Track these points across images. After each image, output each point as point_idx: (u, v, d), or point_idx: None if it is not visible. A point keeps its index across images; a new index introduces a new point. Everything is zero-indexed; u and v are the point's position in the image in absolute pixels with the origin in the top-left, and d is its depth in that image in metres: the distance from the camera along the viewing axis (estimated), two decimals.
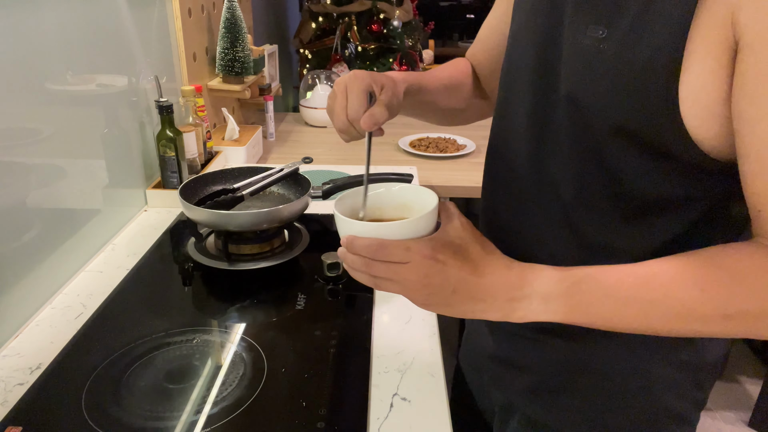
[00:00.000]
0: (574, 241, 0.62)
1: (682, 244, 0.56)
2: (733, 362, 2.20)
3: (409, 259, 0.52)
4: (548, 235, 0.64)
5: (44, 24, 0.90)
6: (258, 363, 0.78)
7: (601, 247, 0.60)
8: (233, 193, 1.07)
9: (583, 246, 0.62)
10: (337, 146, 1.91)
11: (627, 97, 0.51)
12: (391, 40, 2.78)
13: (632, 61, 0.50)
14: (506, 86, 0.69)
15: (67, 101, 0.99)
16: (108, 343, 0.81)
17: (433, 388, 0.75)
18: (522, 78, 0.64)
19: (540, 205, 0.64)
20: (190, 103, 1.35)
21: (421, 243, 0.52)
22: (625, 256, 0.57)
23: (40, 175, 0.92)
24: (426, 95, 0.77)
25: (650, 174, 0.55)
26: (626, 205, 0.57)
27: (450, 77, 0.82)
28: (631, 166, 0.55)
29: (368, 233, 0.53)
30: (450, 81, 0.82)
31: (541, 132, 0.61)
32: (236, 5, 1.56)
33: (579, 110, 0.56)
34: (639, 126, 0.52)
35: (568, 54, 0.56)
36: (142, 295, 0.95)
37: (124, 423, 0.68)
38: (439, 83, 0.79)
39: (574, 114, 0.56)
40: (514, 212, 0.68)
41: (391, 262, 0.52)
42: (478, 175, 1.64)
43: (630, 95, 0.51)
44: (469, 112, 0.87)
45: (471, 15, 4.41)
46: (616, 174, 0.56)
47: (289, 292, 0.96)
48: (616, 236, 0.59)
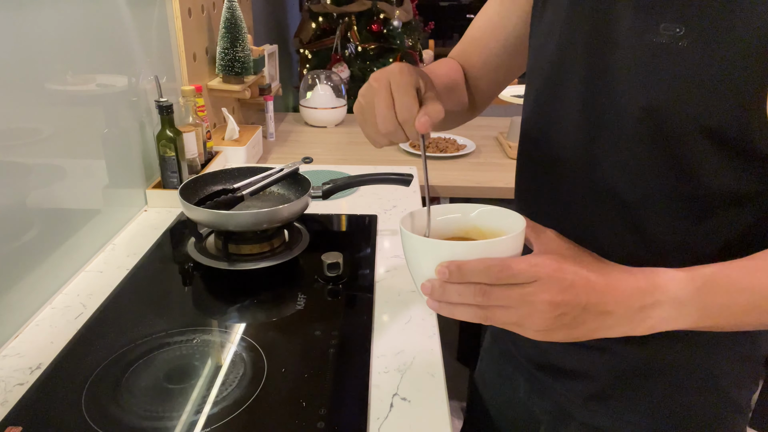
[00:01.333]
0: (642, 245, 0.59)
1: (751, 237, 0.56)
2: None
3: (536, 277, 0.45)
4: (609, 240, 0.61)
5: (44, 24, 0.90)
6: (258, 363, 0.78)
7: (671, 248, 0.58)
8: (233, 193, 1.07)
9: (651, 249, 0.59)
10: (337, 146, 1.91)
11: (714, 95, 0.48)
12: (391, 40, 2.78)
13: (721, 57, 0.47)
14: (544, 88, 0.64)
15: (67, 101, 0.99)
16: (108, 343, 0.81)
17: (433, 388, 0.75)
18: (568, 80, 0.60)
19: (597, 209, 0.61)
20: (190, 103, 1.35)
21: (548, 258, 0.47)
22: (695, 255, 0.56)
23: (40, 175, 0.92)
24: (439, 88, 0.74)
25: (728, 171, 0.52)
26: (697, 204, 0.55)
27: (447, 76, 0.77)
28: (710, 164, 0.52)
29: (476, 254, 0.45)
30: (449, 81, 0.77)
31: (596, 135, 0.58)
32: (236, 5, 1.56)
33: (657, 114, 0.52)
34: (724, 124, 0.49)
35: (634, 54, 0.53)
36: (142, 295, 0.95)
37: (124, 423, 0.68)
38: (441, 84, 0.72)
39: (649, 119, 0.53)
40: (558, 214, 0.65)
41: (516, 284, 0.46)
42: (478, 175, 1.65)
43: (717, 93, 0.48)
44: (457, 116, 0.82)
45: (471, 15, 4.41)
46: (691, 174, 0.53)
47: (289, 292, 0.96)
48: (686, 236, 0.57)
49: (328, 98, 2.09)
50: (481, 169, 1.70)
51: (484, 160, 1.78)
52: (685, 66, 0.49)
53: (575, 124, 0.60)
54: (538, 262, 0.46)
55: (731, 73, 0.47)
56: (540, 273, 0.45)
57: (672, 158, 0.53)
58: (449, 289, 0.46)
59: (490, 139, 1.99)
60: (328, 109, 2.09)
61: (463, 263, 0.45)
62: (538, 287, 0.45)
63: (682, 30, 0.49)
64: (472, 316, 0.47)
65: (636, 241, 0.59)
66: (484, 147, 1.90)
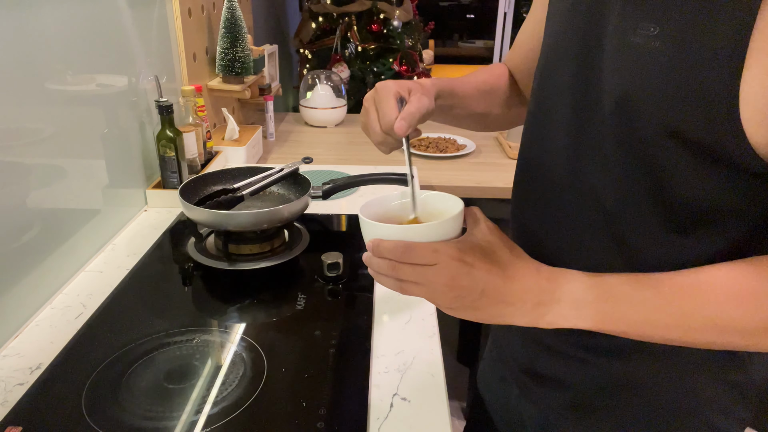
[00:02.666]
0: (619, 253, 0.58)
1: (734, 257, 0.53)
2: None
3: (436, 261, 0.51)
4: (589, 246, 0.61)
5: (44, 24, 0.91)
6: (258, 363, 0.78)
7: (648, 259, 0.57)
8: (233, 193, 1.07)
9: (628, 258, 0.58)
10: (337, 146, 1.92)
11: (684, 97, 0.48)
12: (391, 40, 2.78)
13: (690, 59, 0.47)
14: (541, 92, 0.66)
15: (67, 101, 0.99)
16: (108, 343, 0.82)
17: (433, 388, 0.75)
18: (560, 83, 0.61)
19: (579, 214, 0.61)
20: (190, 103, 1.35)
21: (449, 245, 0.52)
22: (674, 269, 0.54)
23: (40, 175, 0.92)
24: (458, 99, 0.76)
25: (703, 181, 0.51)
26: (675, 215, 0.54)
27: (485, 82, 0.81)
28: (684, 171, 0.51)
29: (395, 236, 0.53)
30: (484, 85, 0.80)
31: (581, 137, 0.59)
32: (236, 5, 1.56)
33: (628, 113, 0.52)
34: (695, 127, 0.48)
35: (615, 55, 0.53)
36: (142, 295, 0.95)
37: (124, 423, 0.68)
38: (472, 88, 0.78)
39: (621, 117, 0.53)
40: (549, 221, 0.65)
41: (418, 265, 0.51)
42: (478, 175, 1.65)
43: (687, 95, 0.48)
44: (505, 117, 0.85)
45: (471, 15, 4.41)
46: (666, 181, 0.53)
47: (289, 292, 0.96)
48: (664, 248, 0.56)
49: (328, 98, 2.09)
50: (481, 169, 1.70)
51: (484, 160, 1.78)
52: (656, 66, 0.49)
53: (565, 125, 0.61)
54: (440, 249, 0.51)
55: (698, 77, 0.47)
56: (439, 259, 0.51)
57: (645, 163, 0.53)
58: (372, 261, 0.54)
59: (490, 139, 1.99)
60: (328, 109, 2.09)
61: (381, 241, 0.52)
62: (435, 271, 0.51)
63: (656, 30, 0.49)
64: (392, 286, 0.54)
65: (614, 249, 0.59)
66: (484, 147, 1.90)
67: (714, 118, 0.47)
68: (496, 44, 3.88)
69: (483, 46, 4.30)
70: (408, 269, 0.52)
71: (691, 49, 0.47)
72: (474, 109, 0.79)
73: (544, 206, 0.65)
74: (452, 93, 0.74)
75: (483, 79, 0.81)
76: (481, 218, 0.56)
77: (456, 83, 0.76)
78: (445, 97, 0.72)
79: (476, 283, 0.51)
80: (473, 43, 4.40)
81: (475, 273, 0.51)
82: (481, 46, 4.32)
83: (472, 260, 0.52)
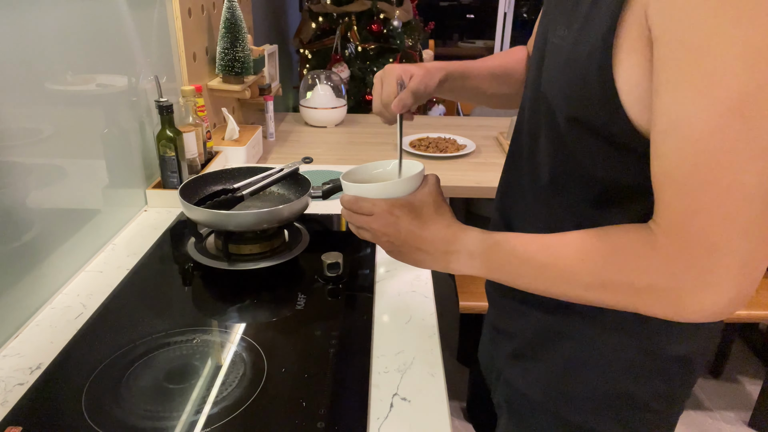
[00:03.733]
0: (548, 223, 0.66)
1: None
2: (733, 362, 2.20)
3: (372, 212, 0.65)
4: (530, 217, 0.70)
5: (44, 24, 0.91)
6: (258, 363, 0.78)
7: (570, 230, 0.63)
8: (233, 193, 1.07)
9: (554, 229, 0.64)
10: (337, 146, 1.92)
11: (575, 90, 0.55)
12: (391, 40, 2.78)
13: (579, 56, 0.54)
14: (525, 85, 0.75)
15: (67, 101, 0.99)
16: (108, 343, 0.82)
17: (433, 388, 0.75)
18: (529, 77, 0.71)
19: (528, 189, 0.70)
20: (190, 103, 1.35)
21: (385, 201, 0.65)
22: None
23: (40, 175, 0.92)
24: (471, 81, 0.85)
25: (607, 161, 0.57)
26: (593, 191, 0.60)
27: (500, 65, 0.88)
28: (589, 152, 0.58)
29: (352, 192, 0.67)
30: (499, 69, 0.88)
31: (534, 123, 0.68)
32: (236, 5, 1.56)
33: (548, 103, 0.62)
34: (587, 117, 0.56)
35: (545, 54, 0.63)
36: (142, 295, 0.95)
37: (124, 423, 0.68)
38: (487, 71, 0.87)
39: (548, 106, 0.62)
40: (510, 198, 0.75)
41: (363, 214, 0.66)
42: (478, 175, 1.65)
43: (577, 88, 0.55)
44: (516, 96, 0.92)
45: (471, 15, 4.41)
46: (580, 162, 0.60)
47: (289, 292, 0.96)
48: (585, 221, 0.61)
49: (328, 98, 2.10)
50: (481, 169, 1.70)
51: (484, 160, 1.78)
52: (560, 62, 0.58)
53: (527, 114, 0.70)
54: (377, 203, 0.65)
55: (582, 71, 0.54)
56: (374, 210, 0.65)
57: (565, 146, 0.61)
58: (342, 211, 0.69)
59: (490, 139, 1.99)
60: (328, 109, 2.09)
61: (344, 196, 0.68)
62: (372, 219, 0.65)
63: (564, 32, 0.58)
64: (353, 230, 0.69)
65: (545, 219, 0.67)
66: (484, 147, 1.90)
67: (600, 109, 0.53)
68: (496, 44, 3.88)
69: (483, 46, 4.30)
70: (356, 217, 0.67)
71: (580, 48, 0.54)
72: (486, 90, 0.88)
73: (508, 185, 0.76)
74: (463, 75, 0.84)
75: (499, 63, 0.89)
76: (429, 183, 0.67)
77: (470, 66, 0.85)
78: (454, 80, 0.83)
79: (399, 232, 0.64)
80: (473, 43, 4.41)
81: (399, 223, 0.64)
82: (481, 46, 4.33)
83: (399, 213, 0.64)
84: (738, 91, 0.42)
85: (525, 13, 3.98)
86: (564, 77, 0.57)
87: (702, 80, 0.43)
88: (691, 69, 0.44)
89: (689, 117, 0.44)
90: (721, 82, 0.42)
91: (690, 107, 0.44)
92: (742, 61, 0.41)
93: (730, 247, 0.45)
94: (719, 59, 0.42)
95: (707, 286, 0.47)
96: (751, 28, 0.41)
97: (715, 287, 0.47)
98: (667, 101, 0.46)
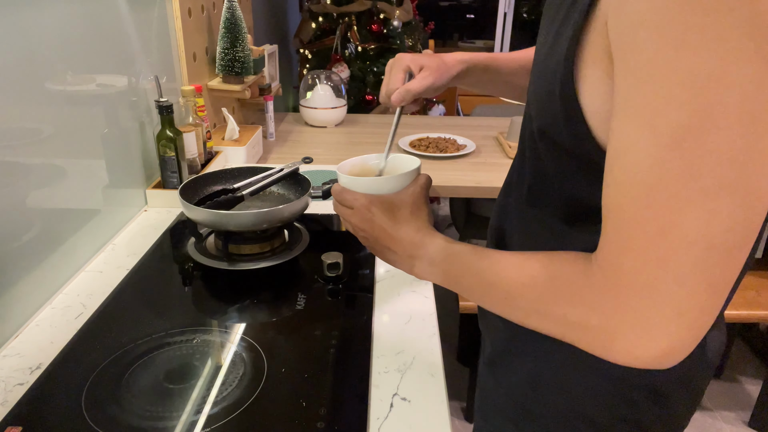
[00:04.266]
0: (522, 236, 0.65)
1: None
2: (733, 362, 2.20)
3: (352, 206, 0.66)
4: (511, 225, 0.68)
5: (44, 24, 0.91)
6: (258, 363, 0.78)
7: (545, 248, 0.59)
8: (233, 193, 1.07)
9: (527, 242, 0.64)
10: (337, 146, 1.91)
11: (543, 103, 0.53)
12: (391, 40, 2.78)
13: (546, 67, 0.51)
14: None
15: (67, 101, 0.99)
16: (108, 343, 0.82)
17: (433, 388, 0.75)
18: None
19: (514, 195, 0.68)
20: (190, 103, 1.35)
21: (365, 196, 0.65)
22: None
23: (40, 175, 0.92)
24: (501, 75, 0.85)
25: (578, 179, 0.54)
26: (564, 208, 0.58)
27: (529, 59, 0.86)
28: (560, 168, 0.56)
29: (342, 183, 0.68)
30: (528, 62, 0.86)
31: (524, 129, 0.66)
32: (236, 5, 1.56)
33: (529, 111, 0.60)
34: (553, 132, 0.53)
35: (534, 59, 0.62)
36: (142, 295, 0.95)
37: (124, 423, 0.68)
38: (515, 64, 0.85)
39: (529, 114, 0.61)
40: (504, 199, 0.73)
41: (345, 206, 0.67)
42: (478, 175, 1.65)
43: (545, 101, 0.52)
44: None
45: (471, 15, 4.41)
46: (551, 175, 0.58)
47: (289, 292, 0.96)
48: (555, 238, 0.59)
49: (328, 98, 2.09)
50: (481, 169, 1.70)
51: (484, 160, 1.78)
52: (534, 74, 0.56)
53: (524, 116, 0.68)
54: (358, 198, 0.65)
55: (550, 84, 0.50)
56: (355, 204, 0.66)
57: (537, 156, 0.59)
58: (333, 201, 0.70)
59: (490, 139, 1.99)
60: (328, 109, 2.09)
61: (334, 186, 0.69)
62: (351, 213, 0.67)
63: (545, 38, 0.55)
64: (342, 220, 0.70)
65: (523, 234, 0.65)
66: (484, 147, 1.90)
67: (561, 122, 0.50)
68: (496, 44, 3.88)
69: (483, 46, 4.30)
70: (339, 208, 0.69)
71: (550, 57, 0.51)
72: (519, 84, 0.86)
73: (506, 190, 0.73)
74: (487, 69, 0.83)
75: (529, 56, 0.86)
76: (416, 183, 0.67)
77: (498, 59, 0.85)
78: (477, 73, 0.83)
79: (373, 229, 0.65)
80: (473, 43, 4.40)
81: (374, 220, 0.65)
82: (481, 46, 4.33)
83: (375, 211, 0.65)
84: (679, 124, 0.37)
85: (525, 13, 3.98)
86: (535, 87, 0.55)
87: (645, 108, 0.39)
88: (636, 94, 0.40)
89: (631, 147, 0.40)
90: (664, 112, 0.38)
91: (633, 136, 0.40)
92: (687, 90, 0.37)
93: (663, 293, 0.41)
94: (663, 87, 0.38)
95: (638, 330, 0.42)
96: (695, 55, 0.36)
97: (646, 333, 0.42)
98: (615, 126, 0.42)
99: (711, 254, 0.39)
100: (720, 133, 0.36)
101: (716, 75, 0.36)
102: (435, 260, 0.61)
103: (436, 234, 0.63)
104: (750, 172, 0.37)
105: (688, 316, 0.41)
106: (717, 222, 0.38)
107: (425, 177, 0.68)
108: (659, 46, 0.37)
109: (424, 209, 0.66)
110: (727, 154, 0.37)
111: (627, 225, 0.42)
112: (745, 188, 0.37)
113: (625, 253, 0.42)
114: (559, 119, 0.50)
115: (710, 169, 0.37)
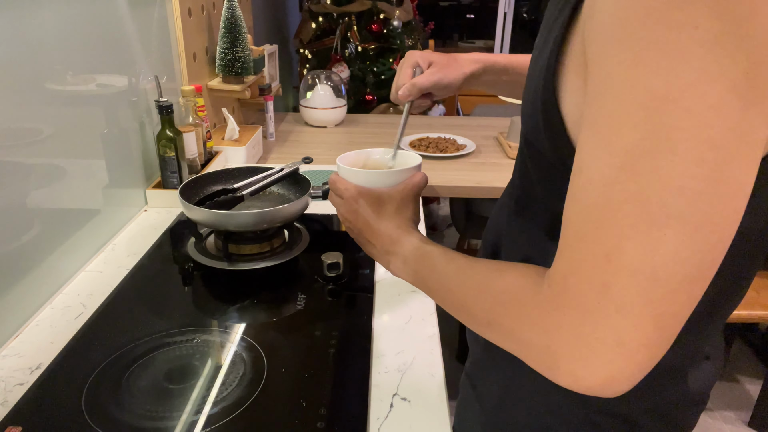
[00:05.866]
0: (506, 244, 0.64)
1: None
2: (733, 362, 2.20)
3: (342, 196, 0.67)
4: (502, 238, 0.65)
5: (44, 24, 0.91)
6: (258, 363, 0.78)
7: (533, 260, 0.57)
8: (233, 193, 1.07)
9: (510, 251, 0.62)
10: (337, 146, 1.91)
11: (528, 110, 0.51)
12: (391, 40, 2.78)
13: (533, 73, 0.50)
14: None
15: (67, 101, 0.99)
16: (108, 343, 0.82)
17: (433, 388, 0.75)
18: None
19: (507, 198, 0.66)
20: (190, 103, 1.35)
21: (356, 187, 0.66)
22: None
23: (40, 175, 0.92)
24: (517, 75, 0.83)
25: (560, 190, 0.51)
26: (546, 219, 0.55)
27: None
28: (543, 179, 0.54)
29: (341, 173, 0.69)
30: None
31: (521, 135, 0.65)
32: (236, 5, 1.56)
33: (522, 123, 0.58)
34: (536, 138, 0.51)
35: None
36: (142, 295, 0.95)
37: (124, 423, 0.68)
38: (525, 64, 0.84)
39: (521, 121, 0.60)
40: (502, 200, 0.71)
41: (337, 196, 0.69)
42: (478, 175, 1.65)
43: (529, 108, 0.51)
44: None
45: (471, 15, 4.41)
46: (535, 184, 0.55)
47: (289, 292, 0.96)
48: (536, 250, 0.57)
49: (328, 98, 2.09)
50: (481, 169, 1.70)
51: (484, 160, 1.78)
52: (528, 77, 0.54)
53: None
54: (349, 188, 0.66)
55: (534, 86, 0.49)
56: (345, 195, 0.67)
57: (525, 164, 0.57)
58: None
59: (490, 139, 1.99)
60: (328, 109, 2.09)
61: (333, 174, 0.70)
62: (341, 203, 0.68)
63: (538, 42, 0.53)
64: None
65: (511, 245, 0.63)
66: (484, 147, 1.90)
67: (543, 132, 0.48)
68: (496, 44, 3.88)
69: (483, 46, 4.30)
70: (332, 197, 0.70)
71: (535, 65, 0.50)
72: None
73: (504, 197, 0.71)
74: (506, 70, 0.83)
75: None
76: (409, 181, 0.66)
77: (517, 60, 0.83)
78: (495, 73, 0.82)
79: (357, 222, 0.67)
80: (473, 43, 4.40)
81: (359, 211, 0.66)
82: (481, 46, 4.32)
83: (362, 203, 0.66)
84: (633, 145, 0.35)
85: (525, 13, 3.98)
86: (524, 93, 0.53)
87: (603, 125, 0.37)
88: (596, 109, 0.38)
89: (590, 163, 0.38)
90: (620, 131, 0.36)
91: (591, 152, 0.38)
92: (642, 110, 0.34)
93: (605, 320, 0.38)
94: (620, 104, 0.36)
95: (578, 354, 0.40)
96: (654, 74, 0.34)
97: (586, 359, 0.40)
98: (580, 140, 0.40)
99: (656, 286, 0.36)
100: (674, 159, 0.34)
101: (674, 96, 0.33)
102: (408, 259, 0.61)
103: (414, 233, 0.63)
104: (704, 203, 0.34)
105: (628, 346, 0.38)
106: (662, 253, 0.35)
107: (421, 176, 0.68)
108: (619, 61, 0.35)
109: (411, 207, 0.66)
110: (679, 181, 0.34)
111: (577, 244, 0.40)
112: (698, 220, 0.35)
113: (572, 272, 0.40)
114: (541, 128, 0.48)
115: (659, 197, 0.35)
